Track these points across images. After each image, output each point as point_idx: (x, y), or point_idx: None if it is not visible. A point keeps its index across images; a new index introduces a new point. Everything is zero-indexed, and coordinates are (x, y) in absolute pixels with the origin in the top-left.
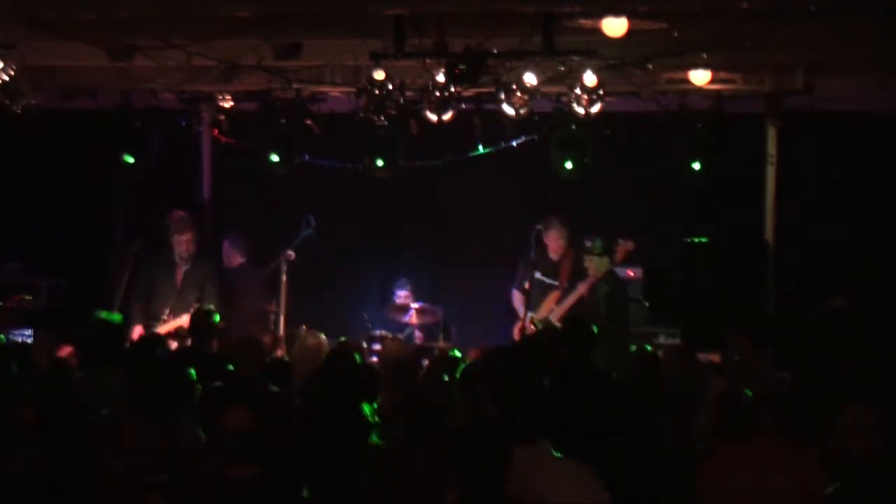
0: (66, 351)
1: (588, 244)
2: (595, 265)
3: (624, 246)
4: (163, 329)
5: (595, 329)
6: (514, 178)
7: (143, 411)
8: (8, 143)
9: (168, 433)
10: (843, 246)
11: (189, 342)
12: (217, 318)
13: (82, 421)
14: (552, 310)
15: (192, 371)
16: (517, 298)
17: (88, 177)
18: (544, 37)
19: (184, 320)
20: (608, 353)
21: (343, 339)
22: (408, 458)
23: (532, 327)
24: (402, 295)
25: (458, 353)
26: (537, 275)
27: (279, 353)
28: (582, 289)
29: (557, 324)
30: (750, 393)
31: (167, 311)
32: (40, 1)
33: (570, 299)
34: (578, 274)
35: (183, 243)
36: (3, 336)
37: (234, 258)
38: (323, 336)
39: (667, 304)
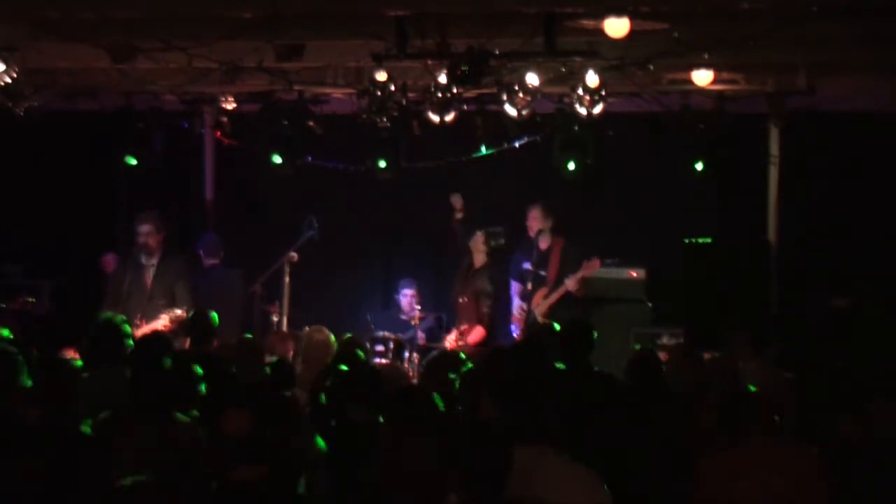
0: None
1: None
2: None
3: (589, 264)
4: (137, 333)
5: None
6: (516, 179)
7: (144, 411)
8: (10, 145)
9: (169, 433)
10: (846, 246)
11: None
12: (216, 318)
13: (84, 421)
14: (539, 304)
15: (199, 370)
16: (515, 288)
17: (90, 179)
18: (546, 37)
19: (157, 324)
20: None
21: (349, 335)
22: (408, 459)
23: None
24: (408, 294)
25: (461, 354)
26: (526, 265)
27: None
28: (569, 284)
29: (541, 319)
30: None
31: (139, 316)
32: (42, 2)
33: (555, 295)
34: (567, 267)
35: (141, 235)
36: (7, 331)
37: (206, 260)
38: (327, 331)
39: (669, 305)
